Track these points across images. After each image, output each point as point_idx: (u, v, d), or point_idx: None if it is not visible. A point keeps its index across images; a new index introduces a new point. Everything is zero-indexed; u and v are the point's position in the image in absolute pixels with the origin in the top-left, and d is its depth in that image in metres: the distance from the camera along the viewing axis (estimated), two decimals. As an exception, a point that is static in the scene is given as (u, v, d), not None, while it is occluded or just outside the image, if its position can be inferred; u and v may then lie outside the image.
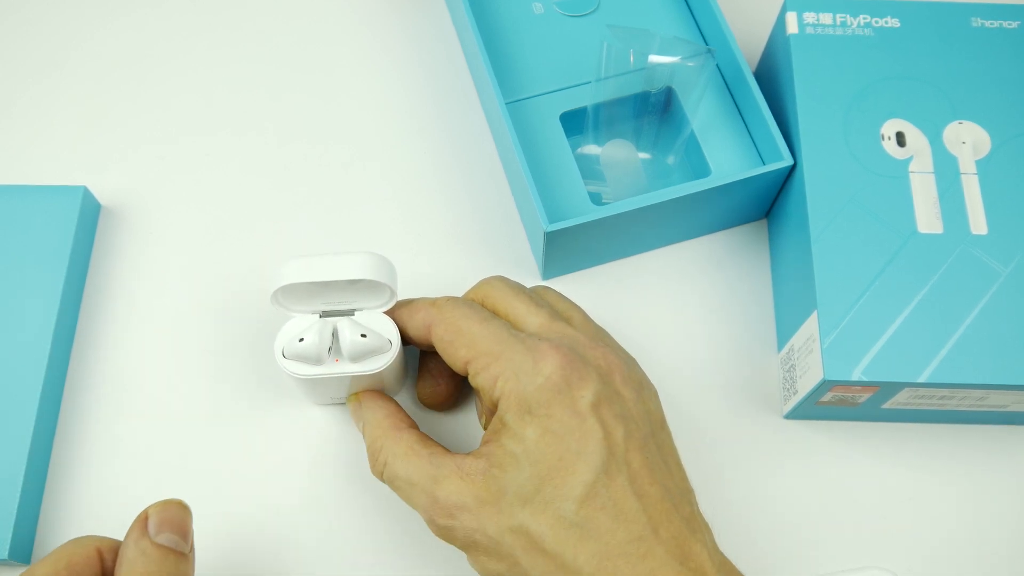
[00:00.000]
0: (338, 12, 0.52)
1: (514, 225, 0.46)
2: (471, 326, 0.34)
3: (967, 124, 0.41)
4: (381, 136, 0.48)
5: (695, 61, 0.42)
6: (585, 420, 0.31)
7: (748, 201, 0.44)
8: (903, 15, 0.43)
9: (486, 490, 0.31)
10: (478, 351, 0.33)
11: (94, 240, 0.45)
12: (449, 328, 0.34)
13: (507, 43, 0.47)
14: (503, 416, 0.32)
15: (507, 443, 0.31)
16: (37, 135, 0.48)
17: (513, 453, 0.31)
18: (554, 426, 0.31)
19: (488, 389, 0.33)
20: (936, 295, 0.38)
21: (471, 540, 0.31)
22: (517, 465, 0.31)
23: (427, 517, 0.33)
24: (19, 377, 0.40)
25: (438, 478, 0.32)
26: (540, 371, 0.32)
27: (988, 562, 0.39)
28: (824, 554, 0.39)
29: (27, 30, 0.51)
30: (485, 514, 0.31)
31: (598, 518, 0.30)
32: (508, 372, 0.32)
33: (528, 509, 0.30)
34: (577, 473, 0.30)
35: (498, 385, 0.32)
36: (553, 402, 0.31)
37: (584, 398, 0.31)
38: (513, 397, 0.32)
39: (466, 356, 0.33)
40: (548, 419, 0.31)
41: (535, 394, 0.31)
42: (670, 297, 0.44)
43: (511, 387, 0.32)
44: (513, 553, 0.30)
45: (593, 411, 0.31)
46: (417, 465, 0.33)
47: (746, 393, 0.42)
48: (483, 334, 0.33)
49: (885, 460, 0.41)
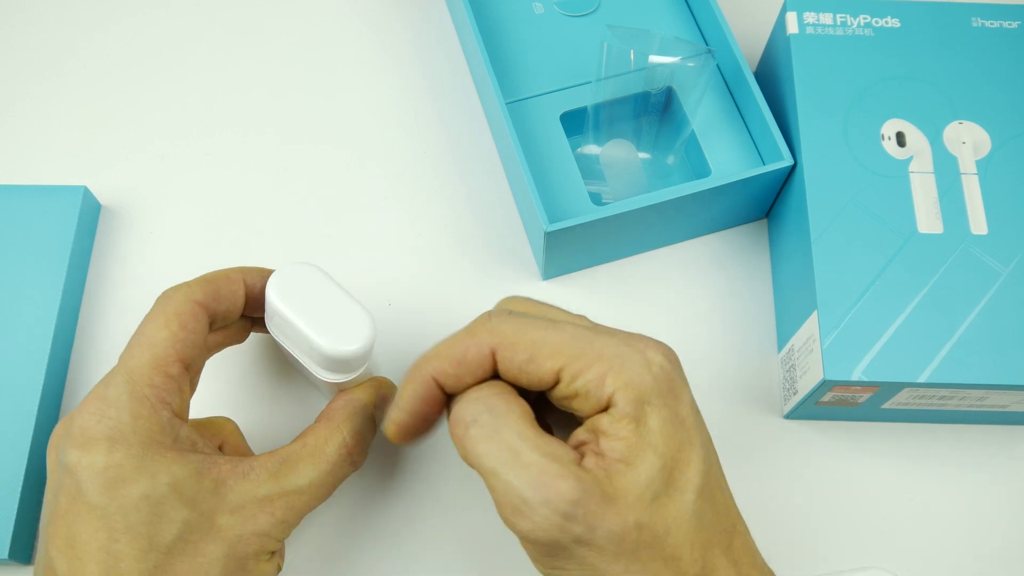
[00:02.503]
0: (338, 12, 0.52)
1: (514, 225, 0.46)
2: (545, 335, 0.31)
3: (967, 124, 0.41)
4: (381, 136, 0.48)
5: (695, 61, 0.42)
6: (689, 412, 0.31)
7: (748, 201, 0.44)
8: (903, 15, 0.43)
9: (611, 486, 0.29)
10: (569, 356, 0.30)
11: (94, 240, 0.45)
12: (520, 346, 0.31)
13: (507, 43, 0.47)
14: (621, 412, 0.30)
15: (628, 435, 0.30)
16: (38, 135, 0.48)
17: (638, 445, 0.29)
18: (672, 416, 0.30)
19: (595, 390, 0.30)
20: (936, 295, 0.38)
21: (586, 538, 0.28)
22: (643, 458, 0.29)
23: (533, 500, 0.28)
24: (19, 377, 0.40)
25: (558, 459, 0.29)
26: (651, 361, 0.31)
27: (988, 562, 0.39)
28: (824, 554, 0.39)
29: (28, 31, 0.51)
30: (611, 509, 0.28)
31: (706, 510, 0.30)
32: (617, 367, 0.30)
33: (657, 503, 0.29)
34: (693, 463, 0.30)
35: (608, 382, 0.30)
36: (667, 392, 0.30)
37: (685, 392, 0.31)
38: (630, 390, 0.30)
39: (555, 366, 0.30)
40: (665, 408, 0.30)
41: (652, 384, 0.30)
42: (670, 297, 0.44)
43: (625, 380, 0.30)
44: (636, 550, 0.29)
45: (691, 404, 0.31)
46: (533, 435, 0.29)
47: (746, 393, 0.42)
48: (564, 339, 0.31)
49: (885, 460, 0.41)
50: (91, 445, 0.30)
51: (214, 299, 0.34)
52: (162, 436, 0.31)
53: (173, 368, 0.32)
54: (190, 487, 0.30)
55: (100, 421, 0.30)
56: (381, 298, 0.44)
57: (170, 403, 0.32)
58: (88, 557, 0.29)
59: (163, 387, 0.32)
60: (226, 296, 0.35)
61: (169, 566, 0.30)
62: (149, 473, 0.30)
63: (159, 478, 0.30)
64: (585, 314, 0.38)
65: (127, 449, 0.30)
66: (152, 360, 0.32)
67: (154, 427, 0.31)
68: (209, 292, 0.34)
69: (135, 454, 0.30)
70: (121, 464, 0.30)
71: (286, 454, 0.33)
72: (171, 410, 0.32)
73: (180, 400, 0.32)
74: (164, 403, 0.31)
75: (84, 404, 0.31)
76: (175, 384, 0.32)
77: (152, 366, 0.32)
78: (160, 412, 0.31)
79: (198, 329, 0.33)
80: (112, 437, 0.30)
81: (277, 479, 0.32)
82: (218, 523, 0.31)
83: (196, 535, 0.30)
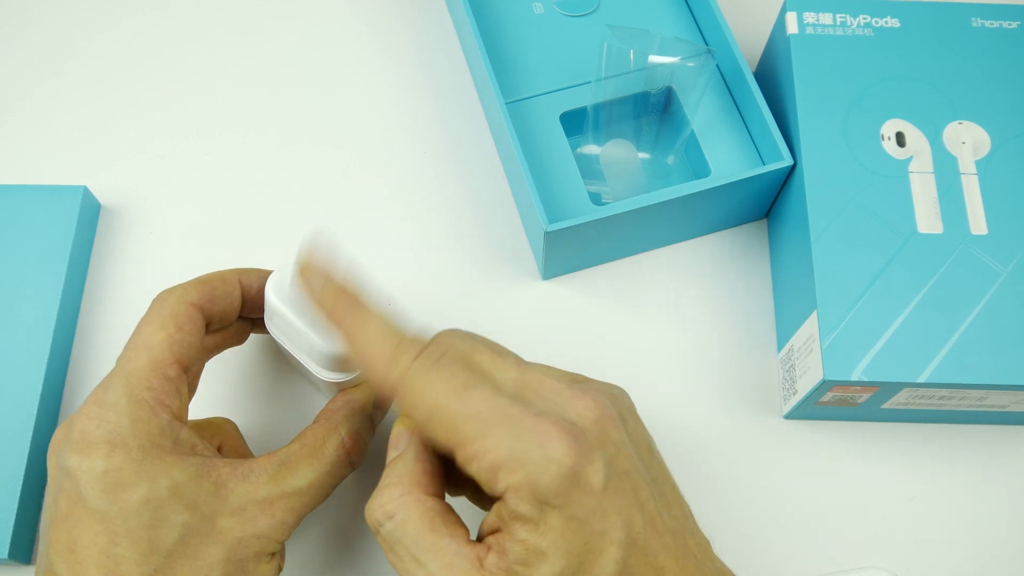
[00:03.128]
0: (338, 12, 0.52)
1: (514, 225, 0.46)
2: (448, 403, 0.29)
3: (967, 124, 0.41)
4: (381, 136, 0.48)
5: (695, 61, 0.42)
6: (602, 497, 0.29)
7: (748, 201, 0.44)
8: (903, 15, 0.43)
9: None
10: (463, 435, 0.28)
11: (94, 240, 0.45)
12: (420, 406, 0.29)
13: (507, 43, 0.47)
14: (515, 510, 0.28)
15: (527, 537, 0.28)
16: (38, 135, 0.48)
17: (537, 548, 0.28)
18: (576, 512, 0.28)
19: (488, 481, 0.28)
20: (936, 295, 0.38)
21: None
22: (544, 560, 0.28)
23: None
24: (19, 377, 0.40)
25: (453, 568, 0.29)
26: (551, 458, 0.28)
27: (988, 562, 0.39)
28: (824, 554, 0.39)
29: (28, 31, 0.51)
30: None
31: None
32: (512, 463, 0.28)
33: None
34: (607, 553, 0.28)
35: (501, 477, 0.28)
36: (571, 489, 0.28)
37: (596, 476, 0.28)
38: (525, 490, 0.28)
39: (450, 441, 0.29)
40: (568, 506, 0.28)
41: (551, 484, 0.28)
42: (670, 297, 0.44)
43: (520, 479, 0.28)
44: None
45: (605, 489, 0.29)
46: (432, 542, 0.29)
47: (746, 393, 0.42)
48: (466, 414, 0.29)
49: (885, 460, 0.41)
50: (90, 449, 0.30)
51: (209, 300, 0.34)
52: (162, 439, 0.31)
53: (171, 370, 0.32)
54: (190, 490, 0.30)
55: (99, 425, 0.30)
56: (381, 298, 0.44)
57: (169, 405, 0.32)
58: (89, 561, 0.29)
59: (161, 390, 0.32)
60: (222, 297, 0.35)
61: (169, 569, 0.30)
62: (149, 476, 0.30)
63: (159, 482, 0.30)
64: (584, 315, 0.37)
65: (126, 453, 0.30)
66: (150, 363, 0.32)
67: (153, 430, 0.31)
68: (204, 293, 0.34)
69: (135, 458, 0.30)
70: (121, 468, 0.30)
71: (285, 455, 0.33)
72: (170, 412, 0.32)
73: (179, 402, 0.32)
74: (163, 405, 0.31)
75: (83, 408, 0.31)
76: (173, 386, 0.32)
77: (150, 369, 0.32)
78: (159, 415, 0.31)
79: (194, 331, 0.33)
80: (111, 441, 0.30)
81: (276, 481, 0.32)
82: (218, 526, 0.31)
83: (196, 538, 0.30)
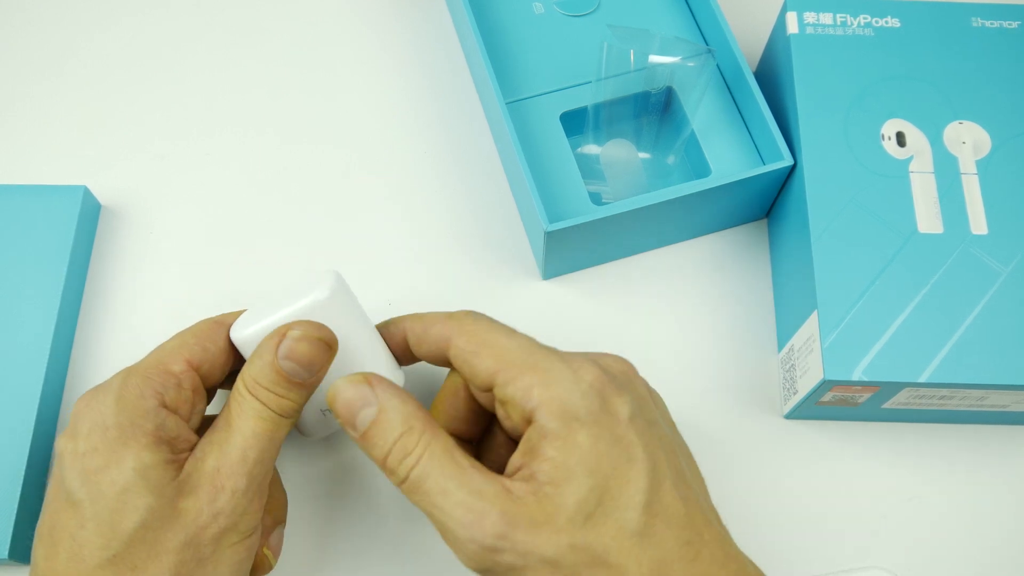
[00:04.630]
0: (338, 12, 0.52)
1: (514, 225, 0.46)
2: (497, 338, 0.32)
3: (967, 124, 0.41)
4: (381, 136, 0.48)
5: (695, 61, 0.42)
6: (629, 427, 0.30)
7: (748, 201, 0.44)
8: (903, 15, 0.43)
9: (540, 511, 0.29)
10: (507, 362, 0.31)
11: (94, 240, 0.45)
12: (472, 339, 0.32)
13: (507, 43, 0.47)
14: (544, 426, 0.30)
15: (555, 454, 0.29)
16: (38, 135, 0.48)
17: (566, 465, 0.29)
18: (604, 434, 0.30)
19: (522, 399, 0.30)
20: (936, 295, 0.38)
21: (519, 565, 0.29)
22: (572, 478, 0.29)
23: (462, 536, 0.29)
24: (19, 377, 0.40)
25: (483, 495, 0.29)
26: (581, 379, 0.30)
27: (988, 562, 0.39)
28: (824, 554, 0.39)
29: (28, 31, 0.51)
30: (542, 535, 0.28)
31: (655, 525, 0.29)
32: (547, 380, 0.30)
33: (591, 523, 0.29)
34: (633, 481, 0.29)
35: (535, 393, 0.30)
36: (600, 410, 0.30)
37: (624, 408, 0.31)
38: (556, 404, 0.30)
39: (493, 367, 0.31)
40: (598, 426, 0.30)
41: (581, 400, 0.30)
42: (670, 297, 0.44)
43: (553, 394, 0.30)
44: (575, 571, 0.29)
45: (632, 421, 0.30)
46: (456, 474, 0.30)
47: (746, 393, 0.42)
48: (511, 346, 0.32)
49: (885, 460, 0.41)
50: (73, 430, 0.31)
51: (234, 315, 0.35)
52: (143, 420, 0.31)
53: (175, 366, 0.32)
54: (156, 473, 0.30)
55: (87, 407, 0.31)
56: (381, 298, 0.44)
57: (162, 394, 0.32)
58: (60, 544, 0.30)
59: (157, 380, 0.32)
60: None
61: (128, 554, 0.30)
62: (118, 458, 0.30)
63: (126, 463, 0.30)
64: (584, 315, 0.38)
65: (103, 433, 0.30)
66: (156, 359, 0.33)
67: (137, 411, 0.31)
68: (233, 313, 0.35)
69: (111, 437, 0.30)
70: (96, 448, 0.30)
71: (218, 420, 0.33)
72: (161, 400, 0.32)
73: (176, 395, 0.32)
74: (155, 393, 0.32)
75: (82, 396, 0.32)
76: (174, 380, 0.32)
77: (154, 364, 0.32)
78: (146, 399, 0.31)
79: (214, 340, 0.34)
80: (93, 422, 0.31)
81: (220, 447, 0.32)
82: (180, 508, 0.30)
83: (157, 522, 0.30)
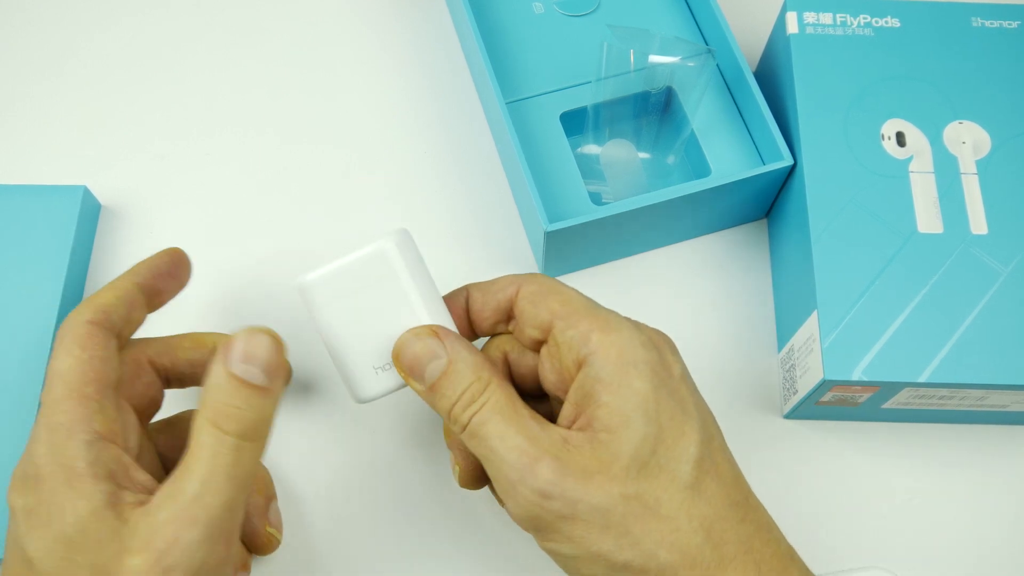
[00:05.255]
0: (338, 12, 0.52)
1: (514, 225, 0.46)
2: (564, 288, 0.33)
3: (967, 124, 0.41)
4: (381, 136, 0.48)
5: (695, 61, 0.42)
6: (682, 384, 0.31)
7: (748, 201, 0.44)
8: (903, 15, 0.43)
9: (595, 459, 0.29)
10: (571, 307, 0.32)
11: (94, 240, 0.45)
12: (542, 285, 0.33)
13: (507, 43, 0.47)
14: (599, 372, 0.30)
15: (611, 399, 0.30)
16: (38, 135, 0.48)
17: (622, 410, 0.29)
18: (660, 384, 0.30)
19: (579, 342, 0.31)
20: (936, 295, 0.38)
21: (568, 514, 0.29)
22: (628, 424, 0.29)
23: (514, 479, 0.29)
24: (20, 377, 0.40)
25: (539, 441, 0.30)
26: (642, 331, 0.32)
27: (988, 562, 0.39)
28: (824, 554, 0.39)
29: (28, 31, 0.51)
30: (594, 484, 0.29)
31: (706, 481, 0.30)
32: (606, 327, 0.31)
33: (644, 472, 0.29)
34: (687, 435, 0.30)
35: (593, 338, 0.31)
36: (656, 364, 0.31)
37: (677, 366, 0.32)
38: (614, 349, 0.30)
39: (558, 310, 0.32)
40: (653, 375, 0.30)
41: (640, 349, 0.30)
42: (670, 297, 0.44)
43: (612, 339, 0.30)
44: (624, 522, 0.29)
45: (683, 379, 0.32)
46: (515, 421, 0.30)
47: (746, 393, 0.42)
48: (577, 296, 0.33)
49: (885, 460, 0.41)
50: (14, 485, 0.30)
51: (103, 311, 0.33)
52: (76, 461, 0.29)
53: (87, 389, 0.31)
54: (94, 527, 0.28)
55: (26, 460, 0.30)
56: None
57: (91, 423, 0.30)
58: None
59: (77, 412, 0.30)
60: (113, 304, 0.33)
61: None
62: (59, 511, 0.29)
63: (66, 518, 0.28)
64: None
65: (39, 484, 0.29)
66: (64, 389, 0.31)
67: (69, 452, 0.29)
68: (97, 307, 0.33)
69: (48, 488, 0.29)
70: (39, 502, 0.29)
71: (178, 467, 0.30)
72: (92, 432, 0.30)
73: (103, 419, 0.31)
74: (83, 426, 0.30)
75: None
76: (95, 405, 0.31)
77: (64, 395, 0.30)
78: (76, 436, 0.30)
79: (99, 345, 0.32)
80: (29, 475, 0.29)
81: (173, 497, 0.29)
82: (126, 565, 0.28)
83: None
